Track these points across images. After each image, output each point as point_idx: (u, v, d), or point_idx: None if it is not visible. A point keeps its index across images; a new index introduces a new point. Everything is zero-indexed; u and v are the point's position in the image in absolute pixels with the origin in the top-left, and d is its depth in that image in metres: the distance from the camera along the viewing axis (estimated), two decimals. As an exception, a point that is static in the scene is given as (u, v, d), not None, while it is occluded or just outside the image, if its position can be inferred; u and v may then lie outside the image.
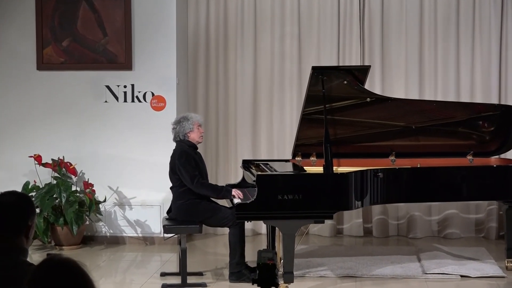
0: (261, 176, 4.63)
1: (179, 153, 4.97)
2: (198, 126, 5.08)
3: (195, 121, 5.06)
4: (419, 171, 5.05)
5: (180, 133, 5.03)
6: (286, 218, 4.55)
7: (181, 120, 5.06)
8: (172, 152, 5.09)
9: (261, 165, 5.32)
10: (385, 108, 5.35)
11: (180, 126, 5.03)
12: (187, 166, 4.91)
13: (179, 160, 4.94)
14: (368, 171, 4.78)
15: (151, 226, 6.52)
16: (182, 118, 5.07)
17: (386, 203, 5.84)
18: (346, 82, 5.14)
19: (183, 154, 4.96)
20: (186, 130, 5.02)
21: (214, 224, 5.09)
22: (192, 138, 5.06)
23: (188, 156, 4.95)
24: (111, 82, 6.48)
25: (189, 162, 4.92)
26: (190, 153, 4.99)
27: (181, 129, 5.02)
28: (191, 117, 5.06)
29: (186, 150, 4.98)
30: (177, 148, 5.07)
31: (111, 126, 6.50)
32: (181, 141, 5.05)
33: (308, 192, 4.55)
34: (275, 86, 6.90)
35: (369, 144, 5.54)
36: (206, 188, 4.94)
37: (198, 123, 5.09)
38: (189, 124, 5.03)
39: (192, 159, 4.96)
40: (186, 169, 4.91)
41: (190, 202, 4.97)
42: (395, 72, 6.79)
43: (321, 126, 5.03)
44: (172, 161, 5.04)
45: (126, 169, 6.49)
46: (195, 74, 6.96)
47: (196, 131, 5.06)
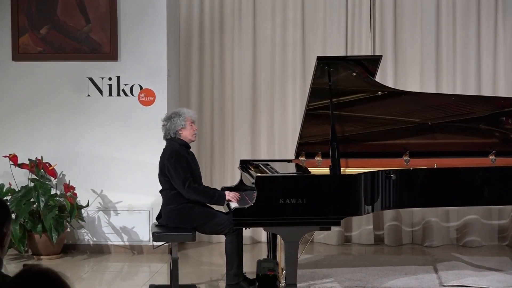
0: (261, 178, 4.63)
1: (169, 153, 4.97)
2: (191, 123, 5.08)
3: (187, 117, 5.06)
4: (436, 173, 5.05)
5: (171, 131, 5.02)
6: (288, 224, 4.55)
7: (172, 116, 5.05)
8: (162, 152, 5.09)
9: (260, 166, 5.32)
10: (398, 102, 5.35)
11: (171, 122, 5.02)
12: (177, 167, 4.90)
13: (169, 160, 4.93)
14: (380, 173, 4.78)
15: (139, 233, 6.52)
16: (174, 113, 5.06)
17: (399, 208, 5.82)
18: (354, 74, 5.14)
19: (174, 154, 4.95)
20: (177, 127, 5.02)
21: (209, 231, 5.09)
22: (185, 136, 5.06)
23: (179, 156, 4.95)
24: (94, 74, 6.48)
25: (180, 163, 4.92)
26: (182, 152, 4.98)
27: (172, 126, 5.01)
28: (183, 113, 5.05)
29: (177, 150, 4.98)
30: (167, 147, 5.06)
31: (94, 122, 6.50)
32: (171, 139, 5.04)
33: (313, 195, 4.55)
34: (276, 78, 6.90)
35: (381, 143, 5.53)
36: (198, 193, 4.93)
37: (191, 120, 5.08)
38: (181, 120, 5.03)
39: (183, 159, 4.95)
40: (176, 171, 4.90)
41: (182, 207, 4.97)
42: (409, 63, 6.79)
43: (327, 122, 5.02)
44: (161, 162, 5.03)
45: (111, 171, 6.49)
46: (187, 65, 6.96)
47: (188, 128, 5.06)
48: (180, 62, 6.96)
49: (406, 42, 6.78)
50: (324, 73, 5.03)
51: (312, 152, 5.47)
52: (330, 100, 5.00)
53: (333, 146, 4.75)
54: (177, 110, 5.13)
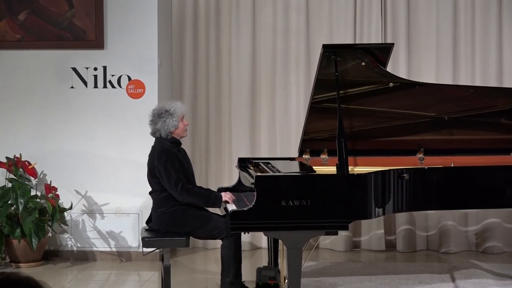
0: (261, 177, 4.63)
1: (158, 152, 4.96)
2: (182, 118, 5.08)
3: (179, 114, 5.04)
4: (453, 172, 5.05)
5: (162, 131, 5.01)
6: (291, 228, 4.56)
7: (163, 114, 5.01)
8: (151, 150, 5.08)
9: (261, 165, 5.32)
10: (412, 95, 5.35)
11: (162, 122, 4.99)
12: (168, 167, 4.90)
13: (159, 160, 4.93)
14: (391, 172, 4.78)
15: (127, 238, 6.52)
16: (165, 112, 5.01)
17: (412, 210, 5.83)
18: (364, 64, 5.14)
19: (164, 153, 4.95)
20: (170, 128, 5.01)
21: (204, 235, 5.09)
22: (177, 134, 5.06)
23: (170, 155, 4.94)
24: (78, 63, 6.48)
25: (171, 163, 4.91)
26: (173, 151, 4.98)
27: (164, 126, 4.99)
28: (175, 111, 5.02)
29: (168, 148, 4.97)
30: (156, 145, 5.06)
31: (78, 117, 6.50)
32: (161, 137, 5.04)
33: (318, 197, 4.56)
34: (278, 69, 6.90)
35: (392, 139, 5.54)
36: (193, 195, 4.93)
37: (182, 115, 5.08)
38: (174, 120, 5.00)
39: (175, 158, 4.95)
40: (167, 172, 4.90)
41: (174, 210, 4.97)
42: (424, 52, 6.79)
43: (333, 117, 5.02)
44: (150, 162, 5.03)
45: (97, 170, 6.49)
46: (180, 54, 6.95)
47: (180, 125, 5.06)
48: (173, 50, 6.95)
49: (420, 29, 6.78)
50: (330, 62, 5.03)
51: (317, 150, 5.47)
52: (337, 92, 5.00)
53: (340, 143, 4.75)
54: (167, 107, 5.05)
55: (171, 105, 5.06)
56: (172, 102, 5.11)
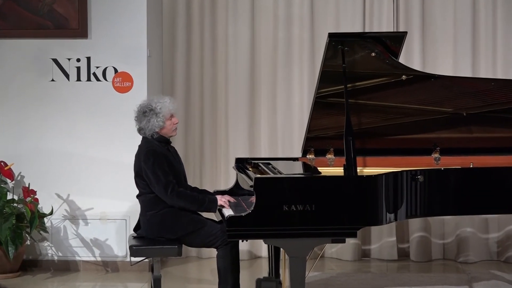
0: (261, 179, 4.63)
1: (145, 153, 4.96)
2: (170, 117, 5.06)
3: (166, 113, 5.02)
4: (473, 173, 5.05)
5: (147, 131, 5.01)
6: (294, 235, 4.56)
7: (146, 113, 5.00)
8: (137, 150, 5.08)
9: (260, 165, 5.32)
10: (427, 88, 5.34)
11: (147, 122, 5.00)
12: (156, 170, 4.90)
13: (146, 162, 4.93)
14: (404, 173, 4.78)
15: (113, 247, 6.52)
16: (149, 110, 5.00)
17: (428, 216, 5.84)
18: (374, 54, 5.14)
19: (150, 154, 4.95)
20: (155, 128, 5.01)
21: (197, 243, 5.08)
22: (164, 133, 5.06)
23: (158, 157, 4.94)
24: (59, 54, 6.47)
25: (159, 165, 4.91)
26: (160, 151, 4.98)
27: (148, 126, 4.99)
28: (160, 110, 5.00)
29: (155, 149, 4.98)
30: (142, 145, 5.06)
31: (59, 113, 6.49)
32: (147, 137, 5.04)
33: (324, 201, 4.55)
34: (280, 60, 6.89)
35: (405, 137, 5.54)
36: (185, 199, 4.93)
37: (170, 114, 5.06)
38: (159, 121, 4.99)
39: (163, 159, 4.95)
40: (155, 175, 4.90)
41: (164, 213, 4.96)
42: (440, 41, 6.78)
43: (340, 112, 5.02)
44: (137, 163, 5.03)
45: (80, 171, 6.48)
46: (172, 44, 6.95)
47: (168, 124, 5.04)
48: (163, 40, 6.94)
49: (436, 16, 6.77)
50: (337, 53, 5.03)
51: (322, 149, 5.48)
52: (344, 86, 5.00)
53: (348, 141, 4.75)
54: (152, 104, 5.03)
55: (157, 102, 5.03)
56: (160, 98, 5.09)
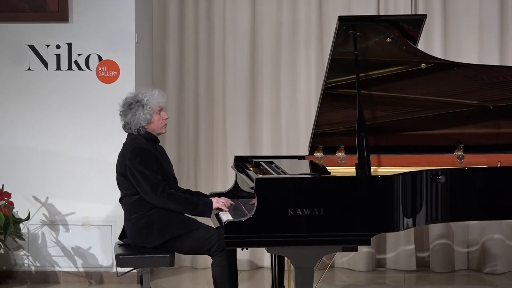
0: (263, 180, 4.63)
1: (131, 151, 4.96)
2: (159, 111, 5.06)
3: (154, 105, 5.02)
4: (500, 173, 5.04)
5: (132, 125, 5.01)
6: (300, 243, 4.55)
7: (132, 105, 5.00)
8: (122, 148, 5.08)
9: (262, 165, 5.32)
10: (449, 78, 5.34)
11: (133, 115, 5.00)
12: (143, 170, 4.90)
13: (132, 161, 4.92)
14: (424, 174, 4.78)
15: (97, 256, 6.52)
16: (135, 102, 5.01)
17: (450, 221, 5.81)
18: (389, 40, 5.13)
19: (137, 152, 4.94)
20: (141, 122, 5.00)
21: (188, 248, 5.07)
22: (152, 129, 5.05)
23: (146, 155, 4.93)
24: (37, 40, 6.47)
25: (146, 164, 4.91)
26: (148, 149, 4.98)
27: (133, 119, 4.99)
28: (148, 101, 5.00)
29: (141, 146, 4.97)
30: (128, 142, 5.05)
31: (37, 106, 6.49)
32: (133, 134, 5.04)
33: (334, 204, 4.55)
34: (284, 46, 6.89)
35: (424, 133, 5.54)
36: (176, 201, 4.92)
37: (159, 107, 5.06)
38: (145, 113, 4.99)
39: (151, 158, 4.94)
40: (143, 175, 4.89)
41: (151, 214, 4.95)
42: (464, 25, 6.78)
43: (352, 105, 5.02)
44: (121, 162, 5.02)
45: (60, 171, 6.49)
46: (163, 29, 6.94)
47: (156, 119, 5.04)
48: (154, 24, 6.94)
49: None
50: (348, 39, 5.02)
51: (332, 146, 5.48)
52: (357, 75, 4.99)
53: (361, 138, 4.75)
54: (139, 96, 5.04)
55: (144, 94, 5.04)
56: (147, 90, 5.10)
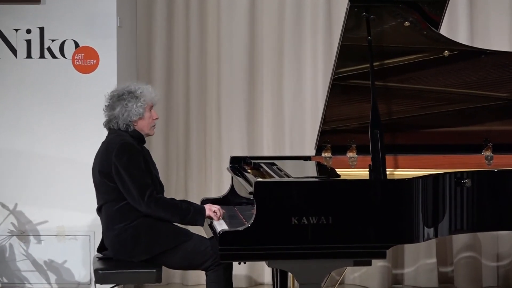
0: (263, 184, 4.62)
1: (118, 147, 4.92)
2: (150, 108, 5.05)
3: (148, 99, 5.02)
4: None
5: (121, 120, 4.97)
6: (305, 256, 4.56)
7: (124, 96, 4.98)
8: (102, 145, 5.05)
9: (262, 166, 5.32)
10: (476, 68, 5.35)
11: (123, 107, 4.96)
12: (131, 169, 4.87)
13: (119, 159, 4.88)
14: (447, 177, 4.78)
15: (73, 270, 6.52)
16: (127, 93, 5.00)
17: (477, 231, 5.83)
18: (408, 24, 5.13)
19: (126, 148, 4.91)
20: (132, 116, 4.96)
21: (180, 263, 5.07)
22: (140, 127, 5.02)
23: (134, 153, 4.91)
24: (4, 23, 6.47)
25: (135, 163, 4.88)
26: (137, 147, 4.96)
27: (124, 112, 4.95)
28: (141, 94, 5.00)
29: (130, 142, 4.96)
30: (112, 138, 5.01)
31: (4, 99, 6.50)
32: (119, 130, 5.01)
33: (344, 211, 4.55)
34: (287, 31, 6.90)
35: (448, 130, 5.56)
36: (165, 207, 4.90)
37: (151, 103, 5.05)
38: (139, 106, 4.95)
39: (140, 157, 4.93)
40: (130, 175, 4.86)
41: (139, 224, 4.93)
42: (493, 8, 6.79)
43: (365, 99, 5.03)
44: (104, 159, 4.98)
45: (31, 174, 6.49)
46: (149, 11, 6.94)
47: (147, 117, 5.03)
48: (138, 6, 6.94)
49: (487, -25, 6.81)
50: (360, 22, 5.03)
51: (342, 145, 5.50)
52: (370, 64, 4.99)
53: (375, 136, 4.75)
54: (132, 87, 5.05)
55: (137, 86, 5.06)
56: (139, 83, 5.10)
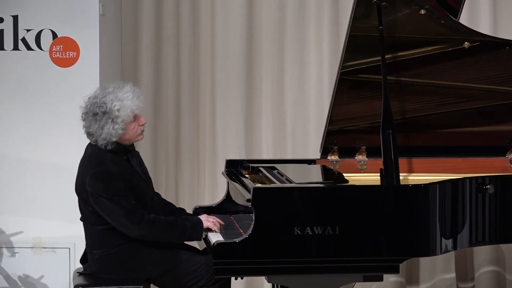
0: (262, 190, 4.62)
1: (91, 175, 4.86)
2: (134, 118, 4.97)
3: (127, 116, 4.90)
4: None
5: (99, 139, 4.93)
6: (309, 271, 4.56)
7: (98, 116, 4.89)
8: (81, 160, 5.01)
9: (262, 171, 5.32)
10: (500, 60, 5.36)
11: (99, 128, 4.90)
12: (112, 196, 4.81)
13: (94, 187, 4.83)
14: (467, 182, 4.78)
15: (51, 287, 6.52)
16: (101, 113, 4.88)
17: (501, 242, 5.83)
18: (424, 12, 5.15)
19: (99, 177, 4.81)
20: (111, 137, 4.89)
21: (171, 283, 5.08)
22: (125, 139, 4.97)
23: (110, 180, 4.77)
24: (-26, 12, 6.50)
25: (114, 189, 4.81)
26: (114, 171, 4.88)
27: (101, 133, 4.90)
28: (118, 113, 4.85)
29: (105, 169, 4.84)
30: (88, 159, 4.95)
31: (-25, 97, 6.52)
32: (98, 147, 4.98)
33: (352, 221, 4.55)
34: (289, 20, 6.92)
35: (468, 130, 5.58)
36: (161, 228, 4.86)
37: (133, 115, 4.98)
38: (117, 128, 4.86)
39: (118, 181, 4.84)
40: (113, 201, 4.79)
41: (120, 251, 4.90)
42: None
43: (376, 95, 5.06)
44: (80, 183, 4.96)
45: (3, 179, 6.50)
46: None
47: (131, 128, 4.96)
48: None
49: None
50: (370, 10, 5.05)
51: (350, 147, 5.51)
52: (382, 57, 5.00)
53: (387, 137, 4.75)
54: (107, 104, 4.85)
55: (114, 101, 4.90)
56: (118, 92, 4.93)
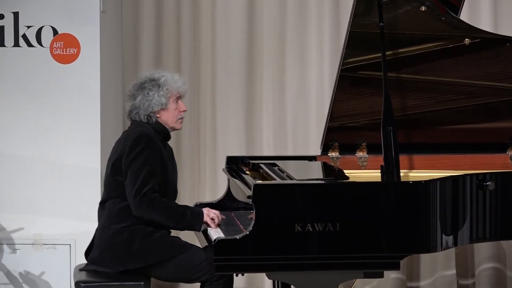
0: (263, 187, 4.63)
1: (135, 137, 4.91)
2: (177, 99, 5.05)
3: (172, 89, 5.01)
4: None
5: (141, 110, 4.98)
6: (310, 267, 4.57)
7: (146, 84, 5.00)
8: (122, 135, 5.06)
9: (262, 167, 5.32)
10: (500, 57, 5.36)
11: (144, 96, 4.98)
12: (140, 162, 4.85)
13: (133, 148, 4.89)
14: (468, 179, 4.78)
15: (52, 283, 6.52)
16: (149, 81, 5.01)
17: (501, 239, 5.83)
18: (425, 9, 5.15)
19: (143, 139, 4.89)
20: (154, 106, 4.95)
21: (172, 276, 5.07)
22: (165, 120, 5.02)
23: (151, 146, 4.87)
24: (-26, 9, 6.51)
25: (147, 157, 4.85)
26: (157, 141, 4.96)
27: (145, 102, 4.97)
28: (165, 82, 4.99)
29: (149, 134, 4.95)
30: (132, 129, 5.03)
31: (-25, 93, 6.52)
32: (141, 122, 5.02)
33: (353, 217, 4.55)
34: (289, 16, 6.91)
35: (468, 127, 5.58)
36: (158, 209, 4.89)
37: (177, 94, 5.05)
38: (161, 95, 4.95)
39: (157, 153, 4.92)
40: (134, 168, 4.84)
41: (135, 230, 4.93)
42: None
43: (376, 92, 5.05)
44: (120, 149, 4.99)
45: (4, 176, 6.51)
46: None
47: (172, 108, 5.02)
48: (124, -11, 6.97)
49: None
50: (371, 7, 5.05)
51: (350, 144, 5.51)
52: (382, 54, 5.00)
53: (388, 133, 4.76)
54: (155, 75, 5.05)
55: (161, 73, 5.07)
56: (167, 73, 5.11)
